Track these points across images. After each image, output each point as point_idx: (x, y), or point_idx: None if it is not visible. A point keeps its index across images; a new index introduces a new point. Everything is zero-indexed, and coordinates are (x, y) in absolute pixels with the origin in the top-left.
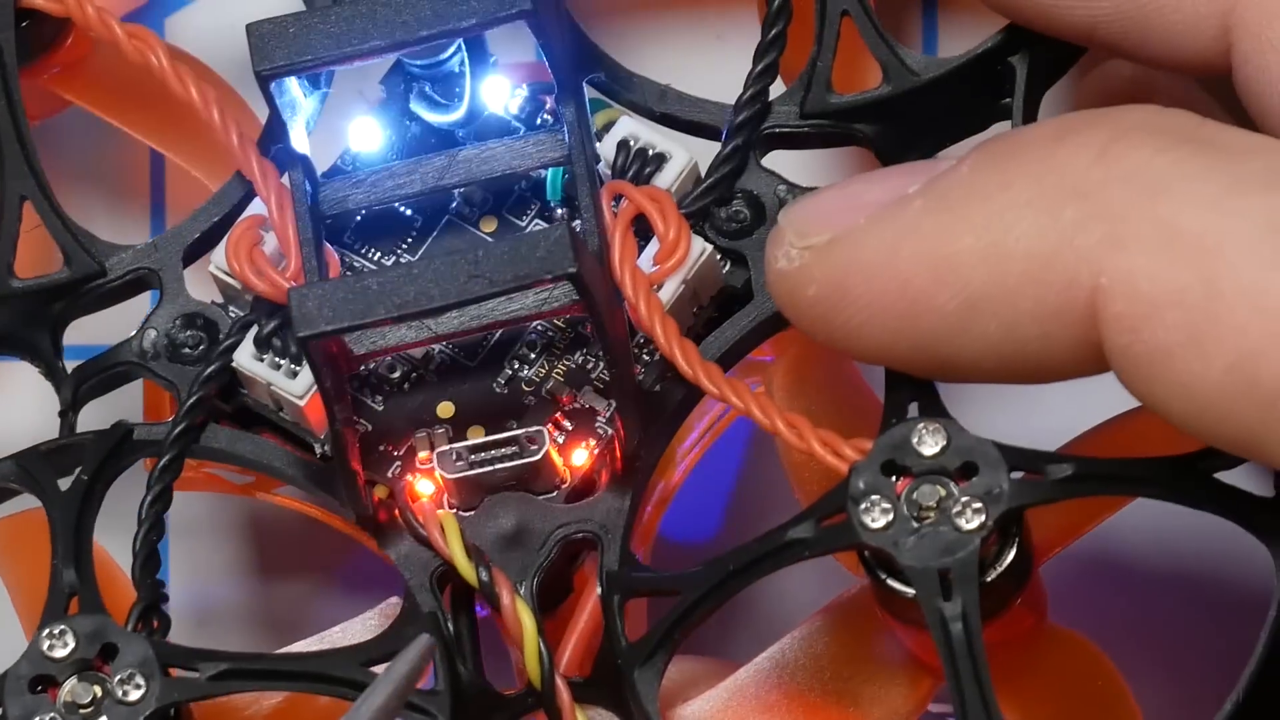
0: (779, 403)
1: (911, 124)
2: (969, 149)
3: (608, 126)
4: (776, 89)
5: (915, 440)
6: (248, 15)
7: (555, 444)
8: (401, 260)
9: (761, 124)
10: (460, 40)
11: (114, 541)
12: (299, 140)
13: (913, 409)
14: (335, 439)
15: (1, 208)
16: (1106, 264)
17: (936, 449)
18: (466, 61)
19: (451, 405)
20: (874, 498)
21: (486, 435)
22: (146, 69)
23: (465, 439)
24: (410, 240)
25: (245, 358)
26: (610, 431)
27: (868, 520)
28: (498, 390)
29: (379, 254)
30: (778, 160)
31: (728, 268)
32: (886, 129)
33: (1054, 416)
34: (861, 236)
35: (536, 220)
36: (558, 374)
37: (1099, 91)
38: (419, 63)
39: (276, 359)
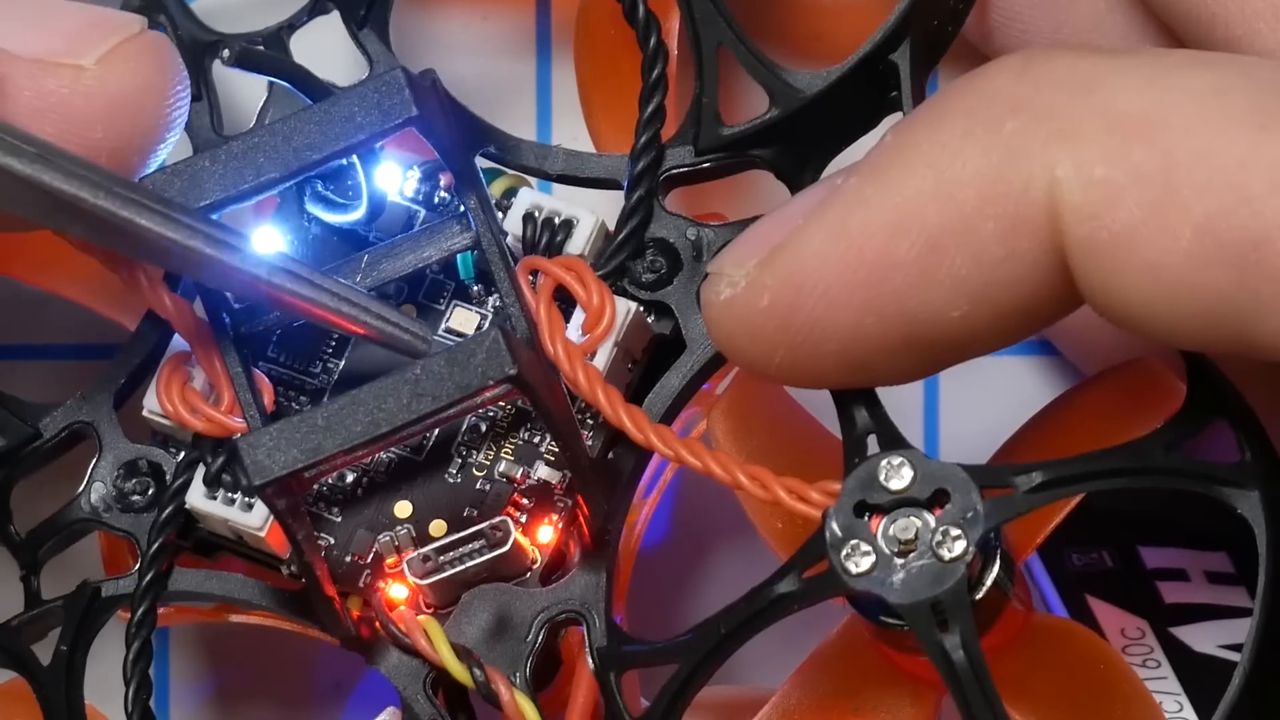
0: (724, 449)
1: (806, 138)
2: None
3: (508, 194)
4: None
5: (883, 476)
6: None
7: (519, 525)
8: (329, 365)
9: (659, 170)
10: None
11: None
12: None
13: (872, 443)
14: (307, 572)
15: None
16: (1057, 158)
17: (905, 481)
18: (356, 158)
19: (409, 504)
20: (853, 543)
21: (448, 529)
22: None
23: (428, 535)
24: (333, 345)
25: (198, 498)
26: (570, 503)
27: (850, 566)
28: (451, 480)
29: (304, 364)
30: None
31: (653, 318)
32: (782, 149)
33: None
34: (806, 232)
35: (455, 301)
36: (507, 454)
37: None
38: None
39: (229, 494)
